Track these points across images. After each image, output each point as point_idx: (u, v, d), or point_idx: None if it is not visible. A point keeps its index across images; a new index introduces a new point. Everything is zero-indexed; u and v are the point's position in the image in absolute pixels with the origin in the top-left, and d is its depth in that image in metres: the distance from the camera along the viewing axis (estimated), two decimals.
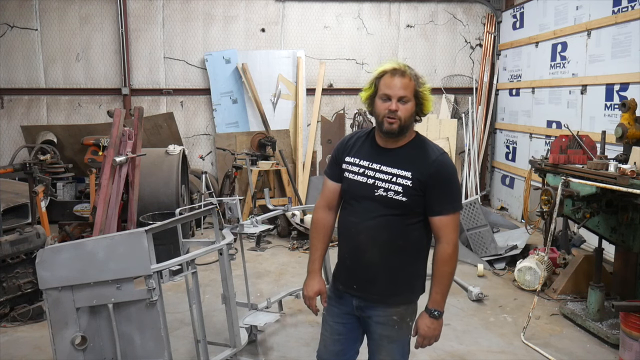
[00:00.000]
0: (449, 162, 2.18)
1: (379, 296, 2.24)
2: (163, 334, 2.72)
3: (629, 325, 3.42)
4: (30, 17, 8.01)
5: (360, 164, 2.22)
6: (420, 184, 2.11)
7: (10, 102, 8.16)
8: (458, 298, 4.77)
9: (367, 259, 2.23)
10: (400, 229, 2.17)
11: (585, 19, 6.08)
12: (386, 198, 2.14)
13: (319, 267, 2.40)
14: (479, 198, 7.10)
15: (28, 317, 4.23)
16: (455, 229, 2.16)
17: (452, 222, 2.15)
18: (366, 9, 8.48)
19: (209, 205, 3.40)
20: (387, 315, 2.25)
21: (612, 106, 5.60)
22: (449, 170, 2.16)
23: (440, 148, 2.21)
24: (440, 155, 2.15)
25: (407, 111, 2.10)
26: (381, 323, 2.27)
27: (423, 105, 2.14)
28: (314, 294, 2.37)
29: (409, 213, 2.16)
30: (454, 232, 2.16)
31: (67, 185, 7.56)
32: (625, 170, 3.61)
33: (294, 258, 5.97)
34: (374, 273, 2.24)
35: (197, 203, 6.79)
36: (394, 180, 2.14)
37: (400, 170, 2.13)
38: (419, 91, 2.11)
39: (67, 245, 2.79)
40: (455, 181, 2.17)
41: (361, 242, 2.22)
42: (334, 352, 2.41)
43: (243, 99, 8.32)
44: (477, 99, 8.52)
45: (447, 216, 2.14)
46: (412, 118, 2.15)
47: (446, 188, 2.14)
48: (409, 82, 2.10)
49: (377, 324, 2.28)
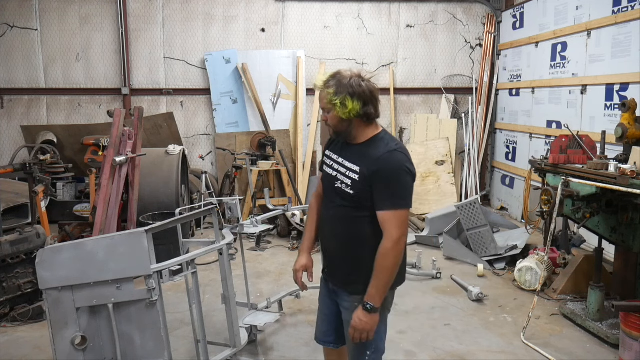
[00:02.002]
0: (396, 159, 2.23)
1: (341, 283, 2.43)
2: (163, 334, 2.72)
3: (629, 325, 3.42)
4: (30, 17, 8.01)
5: (332, 157, 2.43)
6: (365, 178, 2.24)
7: (10, 102, 8.16)
8: (458, 298, 4.77)
9: (329, 246, 2.47)
10: (352, 221, 2.32)
11: (585, 19, 6.08)
12: (340, 189, 2.32)
13: (308, 246, 2.63)
14: (479, 198, 7.10)
15: (28, 317, 4.23)
16: (397, 226, 2.20)
17: (393, 218, 2.20)
18: (366, 9, 8.48)
19: (209, 205, 3.40)
20: (351, 301, 2.38)
21: (612, 106, 5.60)
22: (392, 167, 2.22)
23: (396, 146, 2.29)
24: (387, 153, 2.24)
25: (333, 118, 2.30)
26: (346, 308, 2.41)
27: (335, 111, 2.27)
28: (300, 267, 2.61)
29: (358, 206, 2.29)
30: (395, 228, 2.20)
31: (67, 185, 7.56)
32: (625, 170, 3.61)
33: (294, 258, 5.89)
34: (335, 261, 2.45)
35: (197, 203, 6.79)
36: (347, 174, 2.31)
37: (353, 164, 2.30)
38: (331, 100, 2.25)
39: (67, 245, 2.79)
40: (397, 179, 2.22)
41: (326, 231, 2.48)
42: (322, 331, 2.61)
43: (243, 99, 8.32)
44: (477, 99, 8.52)
45: (387, 212, 2.21)
46: (346, 123, 2.29)
47: (387, 184, 2.21)
48: (325, 95, 2.27)
49: (344, 309, 2.45)
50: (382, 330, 2.42)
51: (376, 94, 2.33)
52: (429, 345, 3.90)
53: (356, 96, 2.25)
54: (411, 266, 5.39)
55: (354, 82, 2.26)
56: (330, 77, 2.30)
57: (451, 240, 5.93)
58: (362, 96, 2.26)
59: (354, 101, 2.24)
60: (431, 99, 8.77)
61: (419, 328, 4.17)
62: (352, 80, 2.26)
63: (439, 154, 8.10)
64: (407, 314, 4.44)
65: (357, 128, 2.32)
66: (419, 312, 4.48)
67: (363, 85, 2.27)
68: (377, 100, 2.34)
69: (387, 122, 8.68)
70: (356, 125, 2.31)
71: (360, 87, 2.26)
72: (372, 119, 2.33)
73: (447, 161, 8.07)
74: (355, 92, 2.24)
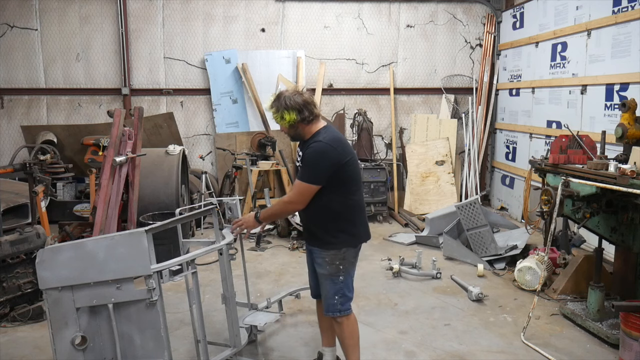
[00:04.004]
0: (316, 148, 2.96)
1: (312, 242, 3.18)
2: (163, 334, 2.72)
3: (629, 325, 3.42)
4: (30, 17, 8.01)
5: (298, 153, 3.18)
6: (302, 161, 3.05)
7: (10, 102, 8.17)
8: (458, 298, 4.77)
9: (303, 217, 3.23)
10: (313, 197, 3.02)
11: (585, 19, 6.08)
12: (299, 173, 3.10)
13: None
14: (479, 198, 7.10)
15: (28, 317, 4.23)
16: (296, 192, 3.02)
17: (297, 186, 3.01)
18: (366, 9, 8.48)
19: (209, 205, 3.41)
20: (321, 257, 3.11)
21: (612, 106, 5.60)
22: (311, 153, 2.98)
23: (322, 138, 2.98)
24: (314, 143, 2.99)
25: (283, 128, 3.12)
26: (318, 263, 3.15)
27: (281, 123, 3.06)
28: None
29: None
30: (294, 191, 3.03)
31: (67, 185, 7.57)
32: (625, 170, 3.60)
33: (294, 258, 5.97)
34: (305, 226, 3.28)
35: (197, 203, 6.79)
36: (300, 161, 3.09)
37: (301, 154, 3.09)
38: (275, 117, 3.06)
39: (67, 245, 2.79)
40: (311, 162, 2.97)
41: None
42: (312, 287, 3.39)
43: (243, 99, 8.32)
44: (477, 99, 8.52)
45: (297, 180, 3.03)
46: (293, 128, 3.06)
47: (305, 163, 3.02)
48: (274, 112, 3.06)
49: (316, 265, 3.17)
50: (347, 281, 3.14)
51: (309, 100, 3.04)
52: (429, 345, 3.90)
53: (289, 108, 2.99)
54: (411, 266, 5.40)
55: (287, 98, 3.00)
56: (274, 100, 3.06)
57: (451, 240, 5.93)
58: (295, 107, 2.99)
59: (290, 112, 2.99)
60: (431, 99, 8.77)
61: (419, 328, 4.17)
62: (285, 98, 3.00)
63: (439, 154, 8.10)
64: (408, 314, 4.44)
65: (302, 129, 3.07)
66: (419, 312, 4.48)
67: (295, 99, 3.00)
68: (311, 104, 3.04)
69: (387, 122, 8.69)
70: (300, 127, 3.06)
71: (292, 100, 2.99)
72: (310, 121, 3.04)
73: (447, 161, 8.07)
74: (288, 106, 2.99)
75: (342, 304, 3.12)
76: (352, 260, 3.16)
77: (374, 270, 5.53)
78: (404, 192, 8.30)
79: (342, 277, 3.10)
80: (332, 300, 3.11)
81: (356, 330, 3.22)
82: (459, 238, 6.04)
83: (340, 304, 3.11)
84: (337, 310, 3.12)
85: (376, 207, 7.64)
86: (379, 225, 7.50)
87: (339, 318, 3.14)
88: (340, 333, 3.19)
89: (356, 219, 3.14)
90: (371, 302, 4.70)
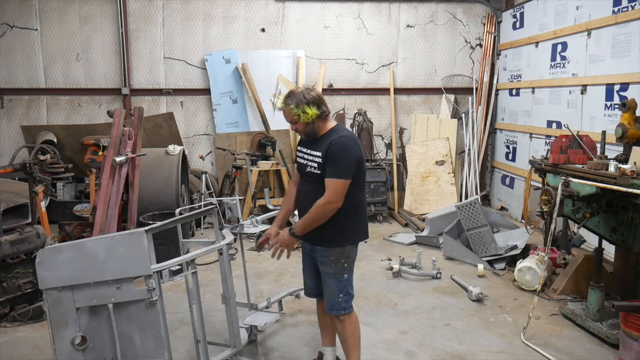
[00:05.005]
0: (341, 143, 2.94)
1: (315, 241, 3.12)
2: (163, 334, 2.72)
3: (629, 325, 3.42)
4: (30, 17, 8.01)
5: (302, 150, 3.16)
6: (323, 159, 2.98)
7: (10, 102, 8.16)
8: (458, 298, 4.77)
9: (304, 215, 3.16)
10: (321, 193, 2.96)
11: (585, 19, 6.08)
12: (310, 172, 3.06)
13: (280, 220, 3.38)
14: (479, 198, 7.10)
15: (28, 317, 4.23)
16: (333, 190, 2.92)
17: (332, 184, 2.93)
18: (366, 9, 8.48)
19: (209, 205, 3.41)
20: (325, 256, 3.10)
21: (612, 106, 5.60)
22: (338, 149, 2.93)
23: (344, 134, 3.00)
24: (337, 138, 2.96)
25: (300, 125, 3.02)
26: (322, 262, 3.13)
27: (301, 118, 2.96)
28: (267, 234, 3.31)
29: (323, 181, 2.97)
30: (331, 191, 2.93)
31: (67, 185, 7.56)
32: (625, 170, 3.60)
33: (294, 258, 5.93)
34: None
35: (197, 203, 6.79)
36: (314, 160, 3.04)
37: (317, 152, 3.02)
38: (295, 113, 2.96)
39: (67, 245, 2.79)
40: (340, 157, 2.93)
41: (303, 204, 3.17)
42: (309, 286, 3.39)
43: (243, 99, 8.32)
44: (477, 99, 8.52)
45: (329, 179, 2.94)
46: (310, 125, 3.00)
47: (333, 160, 2.94)
48: (289, 111, 2.99)
49: (320, 263, 3.15)
50: (350, 278, 3.16)
51: (322, 96, 3.04)
52: (429, 345, 3.90)
53: (311, 103, 2.95)
54: (411, 266, 5.40)
55: (305, 93, 2.96)
56: (286, 97, 3.00)
57: (451, 240, 5.93)
58: (314, 101, 2.96)
59: (311, 107, 2.95)
60: (431, 99, 8.76)
61: (419, 328, 4.17)
62: (302, 93, 2.96)
63: (439, 154, 8.10)
64: (408, 314, 4.44)
65: (318, 125, 3.03)
66: (419, 312, 4.48)
67: (312, 93, 2.98)
68: (324, 100, 3.03)
69: (387, 122, 8.69)
70: (317, 124, 3.02)
71: (311, 95, 2.96)
72: (326, 116, 3.03)
73: (447, 161, 8.07)
74: (309, 100, 2.95)
75: (346, 301, 3.15)
76: (354, 257, 3.21)
77: (374, 270, 5.53)
78: (404, 192, 8.30)
79: (346, 275, 3.14)
80: (337, 298, 3.13)
81: (358, 329, 3.24)
82: (459, 238, 6.04)
83: (344, 302, 3.14)
84: (342, 308, 3.14)
85: (376, 207, 7.64)
86: (379, 225, 7.50)
87: (342, 316, 3.16)
88: (342, 331, 3.21)
89: (361, 217, 3.18)
90: (371, 302, 4.70)
